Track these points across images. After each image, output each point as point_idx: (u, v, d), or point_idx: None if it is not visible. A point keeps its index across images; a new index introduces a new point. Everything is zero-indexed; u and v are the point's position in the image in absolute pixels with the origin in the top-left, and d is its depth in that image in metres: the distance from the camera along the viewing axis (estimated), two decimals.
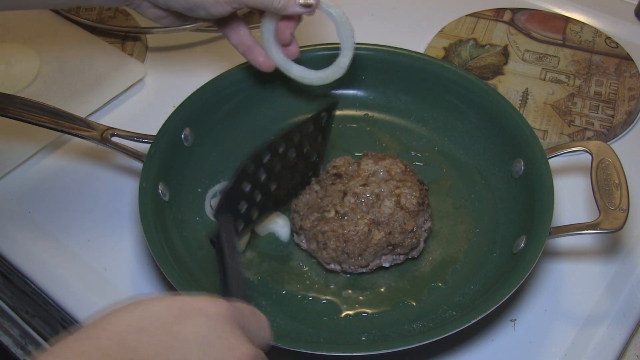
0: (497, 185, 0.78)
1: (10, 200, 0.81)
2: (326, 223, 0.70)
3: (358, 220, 0.70)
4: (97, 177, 0.84)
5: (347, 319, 0.68)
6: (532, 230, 0.66)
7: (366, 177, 0.74)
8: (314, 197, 0.73)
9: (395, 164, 0.75)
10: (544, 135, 0.86)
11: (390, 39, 0.89)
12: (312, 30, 1.06)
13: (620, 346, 0.68)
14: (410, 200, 0.71)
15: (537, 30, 1.02)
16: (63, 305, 0.71)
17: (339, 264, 0.70)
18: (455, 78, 0.83)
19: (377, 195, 0.72)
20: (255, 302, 0.69)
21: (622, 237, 0.77)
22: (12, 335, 1.02)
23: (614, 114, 0.89)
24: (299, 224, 0.72)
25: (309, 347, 0.59)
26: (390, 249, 0.69)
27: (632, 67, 0.96)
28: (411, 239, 0.70)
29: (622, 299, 0.71)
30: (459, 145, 0.84)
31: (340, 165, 0.76)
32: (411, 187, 0.72)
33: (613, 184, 0.67)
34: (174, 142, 0.77)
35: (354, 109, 0.89)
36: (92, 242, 0.77)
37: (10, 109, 0.75)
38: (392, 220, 0.70)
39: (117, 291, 0.72)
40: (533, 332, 0.68)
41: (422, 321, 0.67)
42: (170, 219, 0.72)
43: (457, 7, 1.08)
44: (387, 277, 0.71)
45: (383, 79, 0.87)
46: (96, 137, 0.75)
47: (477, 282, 0.70)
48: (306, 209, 0.73)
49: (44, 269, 0.74)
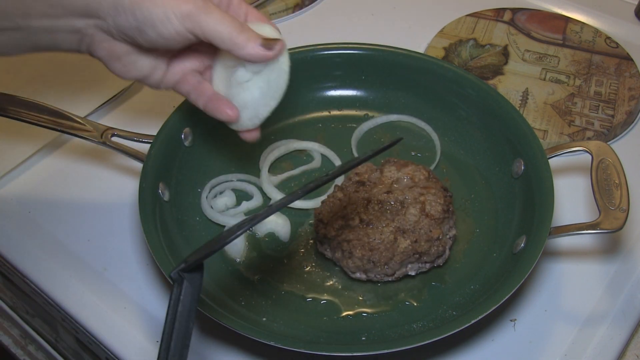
0: (497, 185, 0.78)
1: (10, 200, 0.81)
2: (351, 231, 0.69)
3: (383, 229, 0.69)
4: (97, 177, 0.84)
5: (347, 319, 0.68)
6: (532, 230, 0.66)
7: (389, 184, 0.73)
8: (338, 205, 0.72)
9: (419, 170, 0.74)
10: (544, 135, 0.86)
11: (390, 39, 0.89)
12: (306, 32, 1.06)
13: (620, 346, 0.68)
14: (435, 207, 0.70)
15: (537, 30, 1.02)
16: (63, 305, 0.71)
17: (364, 272, 0.69)
18: (455, 78, 0.83)
19: (402, 203, 0.70)
20: (255, 302, 0.69)
21: (622, 237, 0.77)
22: (12, 335, 1.02)
23: (614, 114, 0.89)
24: (323, 233, 0.71)
25: (309, 347, 0.59)
26: (417, 257, 0.68)
27: (632, 67, 0.96)
28: (437, 247, 0.69)
29: (622, 299, 0.71)
30: (459, 145, 0.84)
31: (362, 173, 0.75)
32: (435, 194, 0.71)
33: (613, 184, 0.67)
34: (174, 142, 0.77)
35: (354, 109, 0.89)
36: (92, 242, 0.77)
37: (10, 109, 0.75)
38: (417, 228, 0.69)
39: (117, 291, 0.72)
40: (533, 332, 0.68)
41: (422, 321, 0.67)
42: (170, 219, 0.72)
43: (457, 7, 1.08)
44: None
45: (383, 79, 0.87)
46: (96, 137, 0.75)
47: (477, 282, 0.70)
48: (330, 217, 0.71)
49: (44, 269, 0.74)
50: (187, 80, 0.67)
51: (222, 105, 0.66)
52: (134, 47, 0.63)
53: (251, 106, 0.66)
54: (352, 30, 1.06)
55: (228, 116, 0.66)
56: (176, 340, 0.46)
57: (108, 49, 0.62)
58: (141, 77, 0.66)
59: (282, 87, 0.65)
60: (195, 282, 0.47)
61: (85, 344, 0.79)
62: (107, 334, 0.68)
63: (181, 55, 0.67)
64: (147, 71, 0.65)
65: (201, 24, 0.59)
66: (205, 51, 0.68)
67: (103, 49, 0.62)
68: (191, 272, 0.47)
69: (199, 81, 0.67)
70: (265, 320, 0.67)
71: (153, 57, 0.65)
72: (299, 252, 0.74)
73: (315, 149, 0.84)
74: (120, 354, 0.67)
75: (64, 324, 0.79)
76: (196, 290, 0.47)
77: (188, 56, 0.67)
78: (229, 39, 0.60)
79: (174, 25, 0.59)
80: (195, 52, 0.67)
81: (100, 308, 0.70)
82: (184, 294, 0.46)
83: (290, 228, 0.76)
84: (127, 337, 0.68)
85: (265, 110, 0.66)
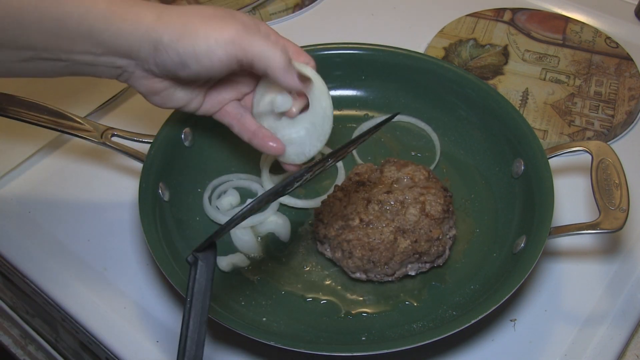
0: (497, 185, 0.78)
1: (10, 200, 0.81)
2: (351, 231, 0.69)
3: (383, 229, 0.69)
4: (97, 177, 0.84)
5: (347, 319, 0.68)
6: (532, 230, 0.66)
7: (390, 184, 0.73)
8: (338, 205, 0.72)
9: (419, 170, 0.74)
10: (544, 135, 0.86)
11: (390, 39, 0.89)
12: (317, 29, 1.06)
13: (620, 346, 0.68)
14: (435, 207, 0.70)
15: (537, 30, 1.02)
16: (63, 305, 0.71)
17: (364, 272, 0.69)
18: (455, 78, 0.82)
19: (402, 203, 0.71)
20: (255, 302, 0.69)
21: (622, 237, 0.77)
22: (12, 335, 1.02)
23: (614, 114, 0.89)
24: (323, 233, 0.71)
25: (309, 347, 0.59)
26: (417, 257, 0.69)
27: (632, 67, 0.96)
28: (437, 247, 0.69)
29: (622, 299, 0.71)
30: (459, 145, 0.84)
31: (362, 173, 0.75)
32: (435, 194, 0.71)
33: (613, 184, 0.67)
34: (174, 142, 0.77)
35: (354, 109, 0.89)
36: (92, 242, 0.77)
37: (10, 109, 0.75)
38: (417, 228, 0.69)
39: (117, 291, 0.72)
40: (533, 332, 0.68)
41: (422, 321, 0.67)
42: (170, 219, 0.72)
43: (457, 7, 1.08)
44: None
45: (383, 79, 0.87)
46: (96, 137, 0.75)
47: (477, 282, 0.70)
48: (330, 217, 0.71)
49: (44, 269, 0.74)
50: (228, 112, 0.69)
51: (267, 140, 0.68)
52: (173, 82, 0.64)
53: (297, 143, 0.68)
54: (352, 30, 1.06)
55: (275, 150, 0.68)
56: (194, 317, 0.49)
57: (147, 86, 0.64)
58: (178, 107, 0.68)
59: (327, 131, 0.67)
60: (209, 261, 0.51)
61: (85, 344, 0.79)
62: (107, 334, 0.68)
63: (218, 85, 0.68)
64: (184, 102, 0.67)
65: (245, 48, 0.60)
66: (243, 81, 0.69)
67: (142, 85, 0.65)
68: (204, 252, 0.50)
69: (241, 114, 0.69)
70: (265, 320, 0.67)
71: (190, 89, 0.66)
72: (299, 252, 0.74)
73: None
74: (120, 354, 0.67)
75: (64, 324, 0.79)
76: (210, 268, 0.51)
77: (225, 86, 0.68)
78: (273, 62, 0.60)
79: (218, 54, 0.59)
80: (232, 82, 0.69)
81: (100, 308, 0.70)
82: (199, 272, 0.50)
83: (290, 228, 0.76)
84: (127, 337, 0.68)
85: (312, 149, 0.68)
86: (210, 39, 0.59)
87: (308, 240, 0.75)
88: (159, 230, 0.68)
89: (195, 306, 0.50)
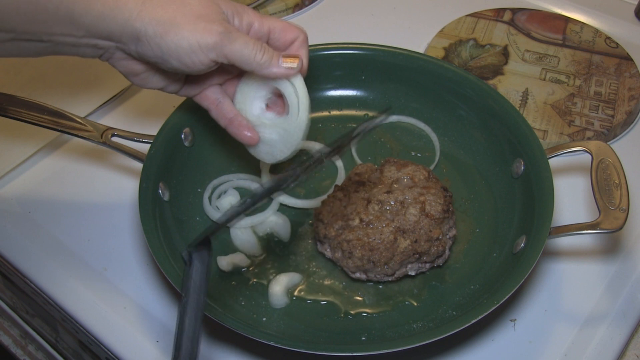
0: (497, 185, 0.78)
1: (10, 200, 0.81)
2: (351, 231, 0.69)
3: (383, 229, 0.69)
4: (97, 177, 0.84)
5: (347, 319, 0.68)
6: (532, 230, 0.66)
7: (389, 184, 0.73)
8: (338, 205, 0.72)
9: (419, 170, 0.74)
10: (544, 135, 0.86)
11: (390, 39, 0.89)
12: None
13: (620, 346, 0.68)
14: (435, 207, 0.70)
15: (537, 30, 1.02)
16: (63, 305, 0.71)
17: (364, 272, 0.69)
18: (455, 78, 0.83)
19: (402, 203, 0.71)
20: (255, 302, 0.69)
21: (622, 237, 0.77)
22: (12, 335, 1.02)
23: (614, 114, 0.89)
24: (323, 233, 0.71)
25: (309, 347, 0.59)
26: (417, 257, 0.69)
27: (632, 67, 0.96)
28: (437, 247, 0.69)
29: (622, 299, 0.71)
30: (459, 145, 0.84)
31: (362, 173, 0.75)
32: (435, 194, 0.71)
33: (613, 184, 0.67)
34: (174, 142, 0.77)
35: (354, 109, 0.89)
36: (92, 242, 0.77)
37: (10, 109, 0.75)
38: (417, 228, 0.69)
39: (117, 291, 0.72)
40: (533, 332, 0.68)
41: (422, 321, 0.67)
42: (170, 219, 0.72)
43: (457, 7, 1.08)
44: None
45: (383, 79, 0.87)
46: (96, 137, 0.75)
47: (477, 282, 0.70)
48: (330, 217, 0.71)
49: (44, 269, 0.74)
50: (207, 97, 0.70)
51: (242, 128, 0.69)
52: (152, 67, 0.65)
53: (269, 144, 0.69)
54: (352, 30, 1.06)
55: (248, 139, 0.69)
56: (190, 313, 0.50)
57: (127, 67, 0.65)
58: (158, 88, 0.69)
59: (297, 141, 0.67)
60: (203, 258, 0.51)
61: (85, 344, 0.79)
62: (107, 334, 0.68)
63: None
64: (163, 85, 0.68)
65: (226, 54, 0.62)
66: (225, 67, 0.68)
67: (122, 66, 0.65)
68: (199, 249, 0.51)
69: (219, 100, 0.70)
70: (265, 320, 0.67)
71: (171, 74, 0.67)
72: (299, 252, 0.74)
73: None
74: (120, 354, 0.67)
75: (64, 324, 0.79)
76: (204, 265, 0.51)
77: (207, 74, 0.68)
78: (253, 61, 0.62)
79: (199, 56, 0.61)
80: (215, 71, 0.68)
81: (100, 308, 0.70)
82: (194, 270, 0.51)
83: (290, 228, 0.76)
84: (127, 337, 0.68)
85: (280, 154, 0.69)
86: (193, 41, 0.60)
87: (308, 240, 0.75)
88: (159, 230, 0.68)
89: (191, 302, 0.50)
